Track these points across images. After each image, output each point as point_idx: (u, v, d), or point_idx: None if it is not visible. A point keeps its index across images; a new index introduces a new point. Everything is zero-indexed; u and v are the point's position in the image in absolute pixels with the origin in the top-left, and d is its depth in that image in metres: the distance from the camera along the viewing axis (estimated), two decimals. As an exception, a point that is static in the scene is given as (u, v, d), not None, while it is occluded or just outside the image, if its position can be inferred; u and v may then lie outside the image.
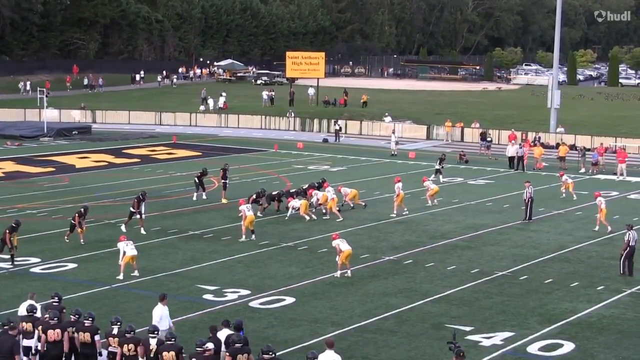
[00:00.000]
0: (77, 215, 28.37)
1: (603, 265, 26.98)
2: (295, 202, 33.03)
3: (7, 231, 25.34)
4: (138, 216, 30.09)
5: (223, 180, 36.58)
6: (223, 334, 16.57)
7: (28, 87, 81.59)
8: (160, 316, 17.79)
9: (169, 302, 21.38)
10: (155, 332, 16.04)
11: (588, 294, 23.64)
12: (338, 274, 24.83)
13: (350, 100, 77.31)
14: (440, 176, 42.21)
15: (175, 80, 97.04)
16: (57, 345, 16.30)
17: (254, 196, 33.51)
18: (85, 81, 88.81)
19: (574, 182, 39.13)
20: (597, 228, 31.86)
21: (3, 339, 15.57)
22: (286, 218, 32.89)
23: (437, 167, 42.77)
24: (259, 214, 32.60)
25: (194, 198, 36.08)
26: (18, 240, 25.74)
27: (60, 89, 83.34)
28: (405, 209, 34.27)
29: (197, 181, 36.44)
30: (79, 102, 71.43)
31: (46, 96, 61.26)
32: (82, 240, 28.15)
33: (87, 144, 55.51)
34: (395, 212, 33.88)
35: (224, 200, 35.93)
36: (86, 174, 43.70)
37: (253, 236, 28.99)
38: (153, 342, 15.68)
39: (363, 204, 35.19)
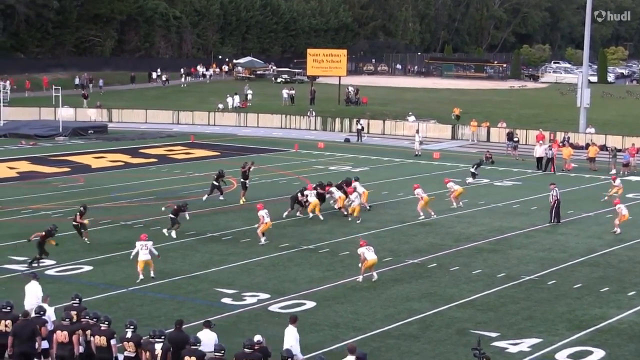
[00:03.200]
0: (78, 215, 28.54)
1: (634, 269, 26.79)
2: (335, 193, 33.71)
3: (44, 234, 25.82)
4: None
5: (243, 180, 36.56)
6: (204, 334, 16.68)
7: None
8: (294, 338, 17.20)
9: (185, 305, 21.51)
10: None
11: (618, 300, 23.46)
12: (360, 278, 24.73)
13: (371, 100, 77.34)
14: (469, 179, 41.97)
15: (183, 79, 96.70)
16: (64, 347, 16.41)
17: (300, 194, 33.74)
18: (77, 80, 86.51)
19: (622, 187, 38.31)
20: (618, 230, 31.74)
21: (23, 324, 16.30)
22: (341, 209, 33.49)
23: (472, 170, 42.65)
24: (298, 214, 33.45)
25: (203, 199, 35.94)
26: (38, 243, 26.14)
27: (68, 87, 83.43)
28: (433, 213, 34.19)
29: (213, 184, 36.40)
30: (94, 101, 71.82)
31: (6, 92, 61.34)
32: (87, 240, 28.30)
33: (103, 144, 55.78)
34: (421, 213, 33.80)
35: (242, 201, 36.06)
36: (102, 174, 43.76)
37: (263, 240, 28.79)
38: (158, 347, 15.72)
39: (368, 206, 34.99)
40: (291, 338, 16.94)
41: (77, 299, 17.91)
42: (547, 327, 21.05)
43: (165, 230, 29.78)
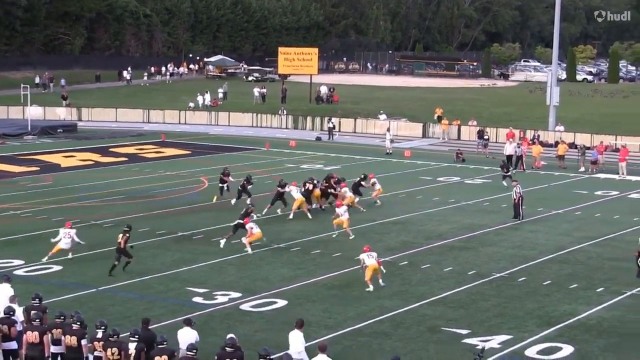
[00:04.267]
0: (122, 238, 25.62)
1: (603, 266, 27.01)
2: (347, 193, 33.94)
3: (122, 236, 25.22)
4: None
5: (221, 185, 36.12)
6: (184, 332, 16.75)
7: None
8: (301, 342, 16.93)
9: (157, 305, 21.39)
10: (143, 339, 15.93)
11: (587, 296, 23.67)
12: (371, 288, 23.93)
13: (343, 98, 77.40)
14: (504, 182, 40.21)
15: (146, 78, 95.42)
16: (35, 347, 16.30)
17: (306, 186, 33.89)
18: (37, 79, 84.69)
19: None
20: None
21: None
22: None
23: (504, 173, 40.79)
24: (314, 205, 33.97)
25: (232, 202, 35.30)
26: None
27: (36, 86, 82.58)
28: (378, 202, 35.47)
29: (240, 189, 35.52)
30: (62, 101, 71.28)
31: None
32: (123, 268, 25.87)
33: (72, 143, 55.40)
34: (378, 201, 35.18)
35: (214, 198, 35.89)
36: (72, 174, 43.38)
37: (249, 249, 27.97)
38: (132, 347, 15.66)
39: (379, 202, 35.90)
40: (298, 344, 16.66)
41: (37, 299, 17.70)
42: (517, 323, 21.16)
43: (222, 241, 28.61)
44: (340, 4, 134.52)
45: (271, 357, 15.09)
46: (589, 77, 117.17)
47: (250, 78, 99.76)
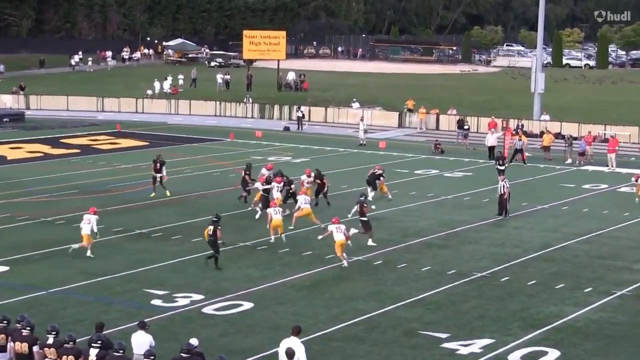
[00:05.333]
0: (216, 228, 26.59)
1: (591, 264, 27.18)
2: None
3: (213, 228, 26.00)
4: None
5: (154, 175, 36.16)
6: (138, 336, 16.79)
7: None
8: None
9: (113, 307, 21.32)
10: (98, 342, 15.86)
11: (575, 297, 23.79)
12: (346, 263, 25.92)
13: (313, 85, 77.39)
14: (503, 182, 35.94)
15: (91, 63, 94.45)
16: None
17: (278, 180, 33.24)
18: None
19: None
20: None
21: None
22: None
23: (500, 167, 38.85)
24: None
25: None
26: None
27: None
28: (389, 195, 35.22)
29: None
30: (10, 86, 70.77)
31: None
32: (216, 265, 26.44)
33: (19, 133, 55.01)
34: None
35: (167, 193, 35.95)
36: (19, 166, 43.17)
37: (283, 237, 28.82)
38: (93, 354, 15.61)
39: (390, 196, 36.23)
40: (301, 353, 16.18)
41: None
42: (499, 326, 21.26)
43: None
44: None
45: None
46: (591, 63, 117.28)
47: (213, 63, 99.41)
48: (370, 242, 28.87)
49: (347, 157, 48.35)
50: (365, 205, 30.06)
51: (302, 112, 60.86)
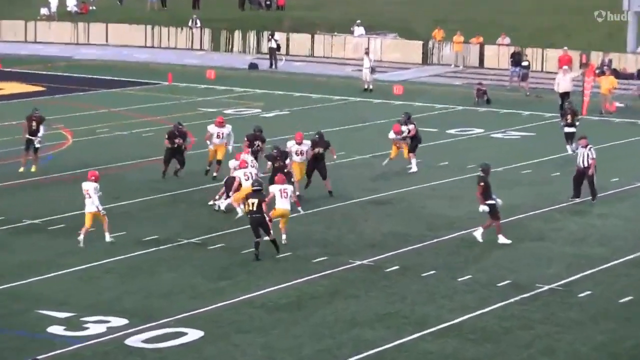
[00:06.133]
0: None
1: None
2: None
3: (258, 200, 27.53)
4: None
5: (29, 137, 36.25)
6: None
7: None
8: None
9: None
10: None
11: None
12: (284, 239, 27.80)
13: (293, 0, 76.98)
14: (570, 147, 39.23)
15: None
16: None
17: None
18: None
19: None
20: None
21: None
22: None
23: (568, 129, 39.48)
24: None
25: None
26: None
27: None
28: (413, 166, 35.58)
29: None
30: None
31: None
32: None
33: None
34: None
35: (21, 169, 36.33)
36: None
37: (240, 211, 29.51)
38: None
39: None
40: None
41: None
42: (578, 367, 20.89)
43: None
44: None
45: None
46: None
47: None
48: (502, 239, 28.95)
49: (344, 109, 48.79)
50: (482, 184, 29.74)
51: (276, 41, 61.57)
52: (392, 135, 36.38)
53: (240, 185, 31.13)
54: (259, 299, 24.30)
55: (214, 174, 34.68)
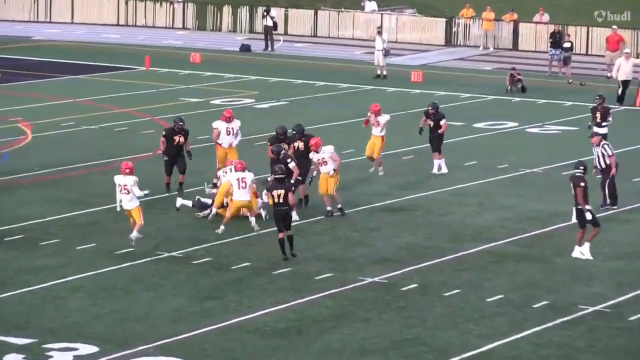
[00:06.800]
0: None
1: None
2: None
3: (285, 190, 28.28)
4: None
5: None
6: None
7: None
8: None
9: None
10: None
11: None
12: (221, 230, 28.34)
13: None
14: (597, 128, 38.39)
15: None
16: None
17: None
18: None
19: None
20: None
21: None
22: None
23: (598, 129, 38.06)
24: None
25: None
26: None
27: None
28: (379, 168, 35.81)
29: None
30: None
31: None
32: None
33: None
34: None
35: None
36: None
37: (253, 223, 30.11)
38: None
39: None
40: None
41: None
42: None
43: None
44: None
45: None
46: None
47: None
48: (581, 252, 29.15)
49: (353, 99, 49.14)
50: (582, 184, 29.45)
51: (272, 18, 61.10)
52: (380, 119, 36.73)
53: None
54: (252, 322, 24.62)
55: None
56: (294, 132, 34.35)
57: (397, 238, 30.87)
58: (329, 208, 32.48)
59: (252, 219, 29.76)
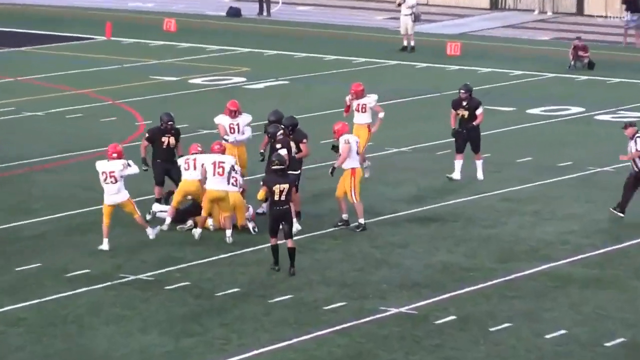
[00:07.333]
0: None
1: None
2: None
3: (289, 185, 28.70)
4: None
5: None
6: None
7: None
8: None
9: None
10: None
11: None
12: (197, 234, 30.07)
13: None
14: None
15: None
16: None
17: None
18: None
19: None
20: None
21: None
22: None
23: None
24: None
25: None
26: None
27: None
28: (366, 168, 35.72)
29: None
30: None
31: None
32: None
33: None
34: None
35: None
36: None
37: (228, 234, 30.54)
38: None
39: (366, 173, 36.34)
40: None
41: None
42: None
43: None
44: None
45: None
46: None
47: None
48: None
49: (372, 77, 48.65)
50: None
51: None
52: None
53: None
54: (254, 360, 24.81)
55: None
56: (282, 125, 34.05)
57: (430, 256, 30.40)
58: (344, 216, 31.99)
59: (228, 232, 29.88)
